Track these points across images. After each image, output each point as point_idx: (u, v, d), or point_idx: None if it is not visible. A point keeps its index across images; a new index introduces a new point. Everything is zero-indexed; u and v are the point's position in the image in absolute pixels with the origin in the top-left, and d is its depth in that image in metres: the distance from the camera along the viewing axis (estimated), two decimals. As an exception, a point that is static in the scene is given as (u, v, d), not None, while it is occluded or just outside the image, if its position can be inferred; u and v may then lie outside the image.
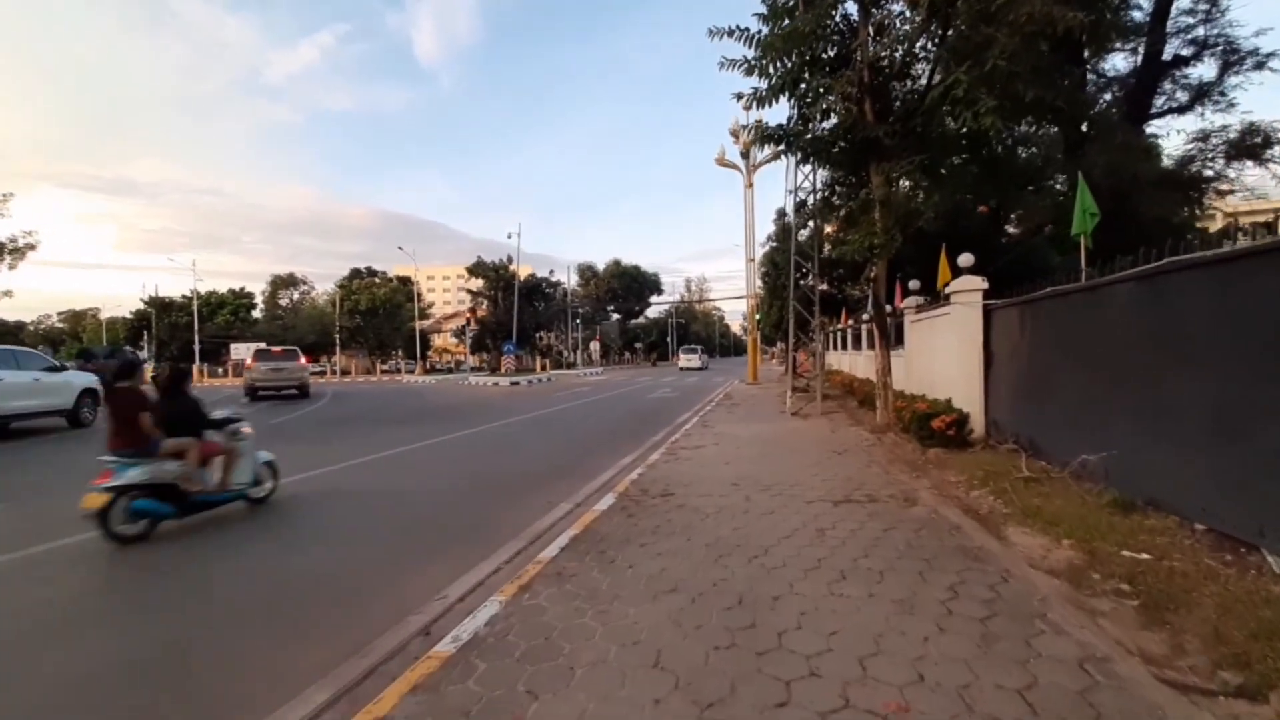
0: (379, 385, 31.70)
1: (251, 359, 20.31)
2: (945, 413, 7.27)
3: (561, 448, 9.39)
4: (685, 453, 8.00)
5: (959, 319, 7.62)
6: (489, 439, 10.43)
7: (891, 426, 9.07)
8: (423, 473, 7.56)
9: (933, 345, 9.13)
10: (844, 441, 8.47)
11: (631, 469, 7.15)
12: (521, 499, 5.96)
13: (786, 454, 7.64)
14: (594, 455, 8.43)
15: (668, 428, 11.17)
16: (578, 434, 10.96)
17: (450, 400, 19.58)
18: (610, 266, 72.85)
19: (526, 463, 8.06)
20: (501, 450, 9.25)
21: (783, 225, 25.68)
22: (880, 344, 9.33)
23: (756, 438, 9.13)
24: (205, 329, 59.05)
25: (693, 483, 6.13)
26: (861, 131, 8.71)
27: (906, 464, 6.80)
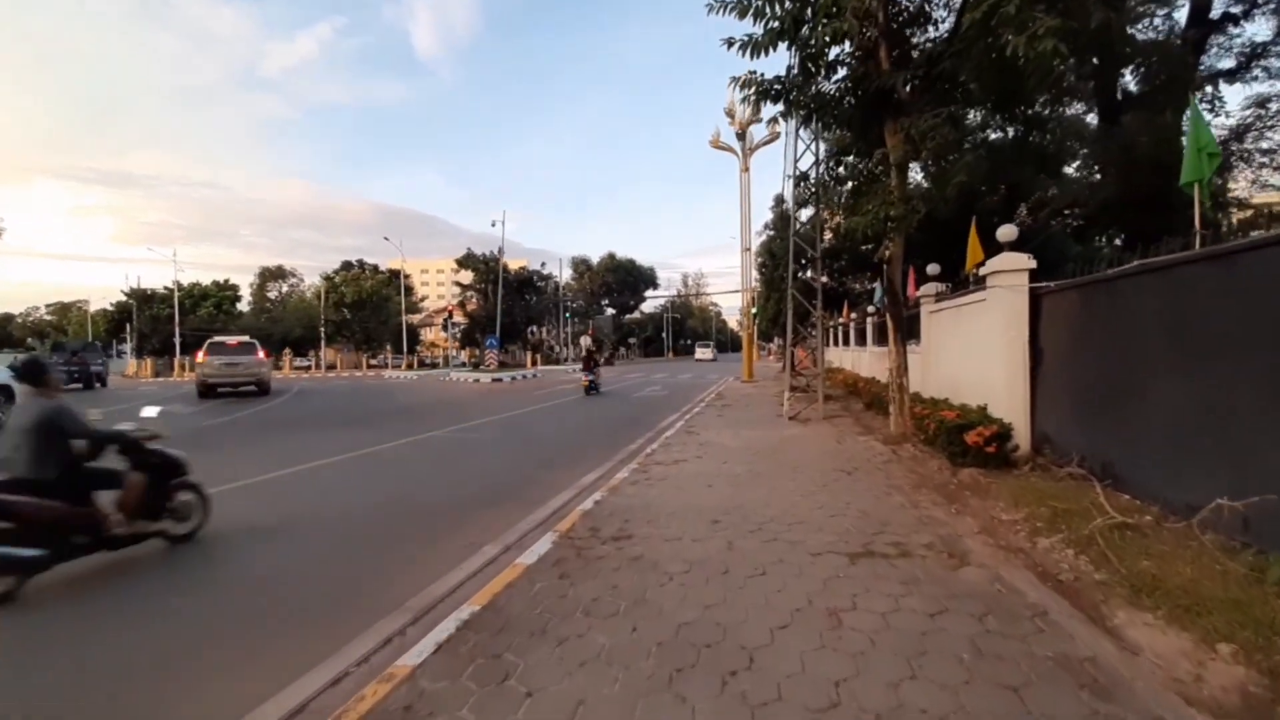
0: (356, 381, 30.18)
1: (203, 352, 18.41)
2: (982, 424, 5.83)
3: (518, 460, 7.94)
4: (661, 469, 6.55)
5: (998, 307, 6.17)
6: (437, 448, 8.96)
7: (909, 436, 7.63)
8: (332, 496, 6.09)
9: (958, 340, 7.68)
10: (853, 455, 7.03)
11: (591, 491, 5.71)
12: (436, 539, 4.51)
13: (783, 473, 6.19)
14: (552, 470, 6.99)
15: (648, 433, 9.73)
16: (543, 442, 9.50)
17: (420, 399, 18.10)
18: (605, 260, 71.29)
19: (467, 481, 6.60)
20: (445, 463, 7.79)
21: (781, 212, 24.19)
22: (895, 339, 7.89)
23: (748, 448, 7.69)
24: (188, 322, 57.48)
25: (661, 517, 4.68)
26: (875, 82, 7.25)
27: (937, 490, 5.36)
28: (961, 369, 7.52)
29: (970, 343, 7.17)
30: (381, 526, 4.96)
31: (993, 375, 6.35)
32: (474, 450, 8.71)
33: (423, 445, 9.12)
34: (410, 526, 4.94)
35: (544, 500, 5.54)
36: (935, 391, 8.46)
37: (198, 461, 5.03)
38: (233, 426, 11.63)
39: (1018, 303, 5.95)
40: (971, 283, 7.51)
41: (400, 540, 4.57)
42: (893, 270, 7.92)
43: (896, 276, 7.94)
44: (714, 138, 23.03)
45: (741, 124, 22.31)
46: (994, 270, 6.13)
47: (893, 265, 7.89)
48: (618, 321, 73.76)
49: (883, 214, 6.72)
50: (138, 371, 46.32)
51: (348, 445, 8.87)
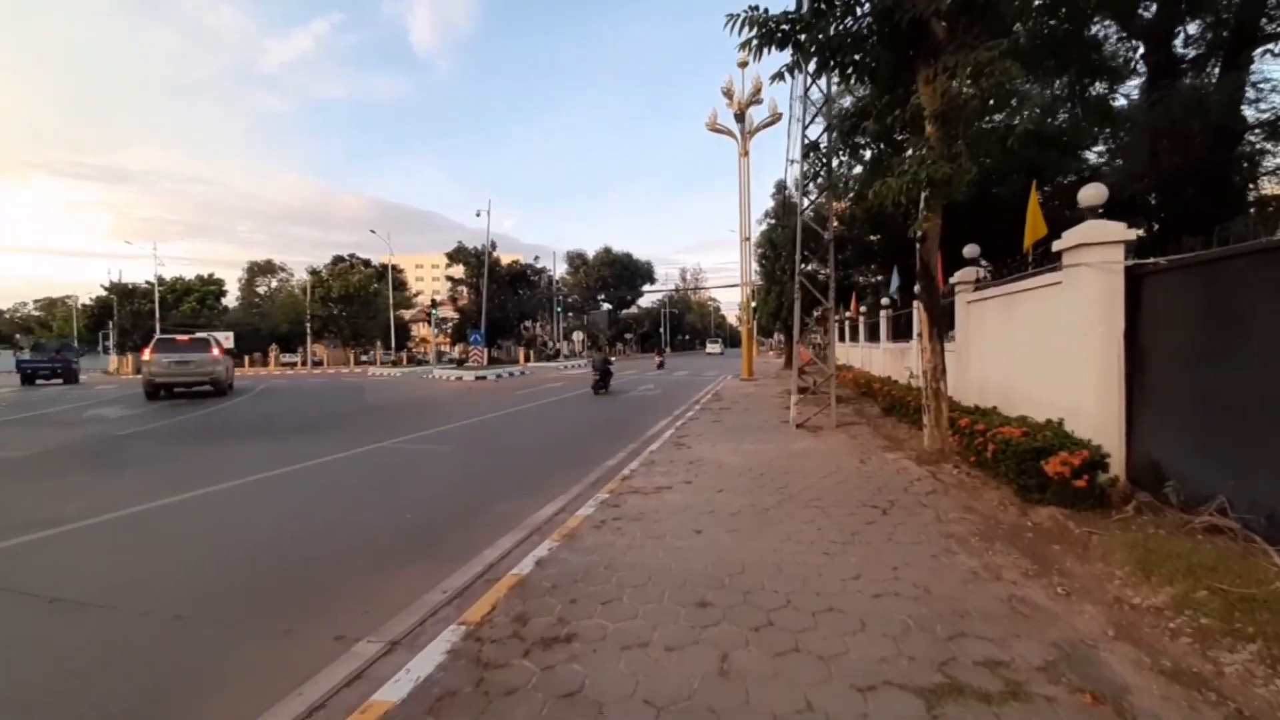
0: (334, 379, 28.66)
1: (149, 350, 16.50)
2: (1064, 446, 4.35)
3: (464, 483, 6.45)
4: (637, 501, 5.07)
5: (1080, 292, 4.68)
6: (376, 465, 7.46)
7: (949, 454, 6.16)
8: (196, 542, 4.59)
9: (1012, 335, 6.20)
10: (883, 480, 5.55)
11: (541, 537, 4.24)
12: (296, 625, 3.04)
13: (796, 509, 4.71)
14: (503, 500, 5.52)
15: (631, 444, 8.26)
16: (504, 457, 8.01)
17: (389, 399, 16.59)
18: (600, 254, 69.70)
19: (387, 517, 5.10)
20: (373, 488, 6.29)
21: (783, 200, 22.68)
22: (930, 334, 6.40)
23: (749, 468, 6.21)
24: (171, 317, 55.90)
25: (624, 593, 3.20)
26: (908, 13, 5.73)
27: (1012, 541, 3.88)
28: (1017, 372, 6.04)
29: (1032, 339, 5.68)
30: (226, 601, 3.46)
31: (1070, 381, 4.87)
32: (418, 468, 7.21)
33: (360, 461, 7.62)
34: (269, 599, 3.45)
35: (473, 552, 4.06)
36: (975, 398, 6.98)
37: (74, 483, 3.53)
38: (156, 436, 10.11)
39: (1110, 286, 4.45)
40: (1030, 265, 6.03)
41: (236, 631, 3.08)
42: (927, 250, 6.43)
43: (932, 258, 6.44)
44: (711, 120, 21.48)
45: (740, 104, 20.76)
46: (1077, 244, 4.63)
47: (928, 244, 6.39)
48: (614, 317, 72.23)
49: (923, 174, 5.22)
50: (119, 368, 44.78)
51: (273, 460, 7.38)
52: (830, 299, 8.73)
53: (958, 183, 5.38)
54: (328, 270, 57.49)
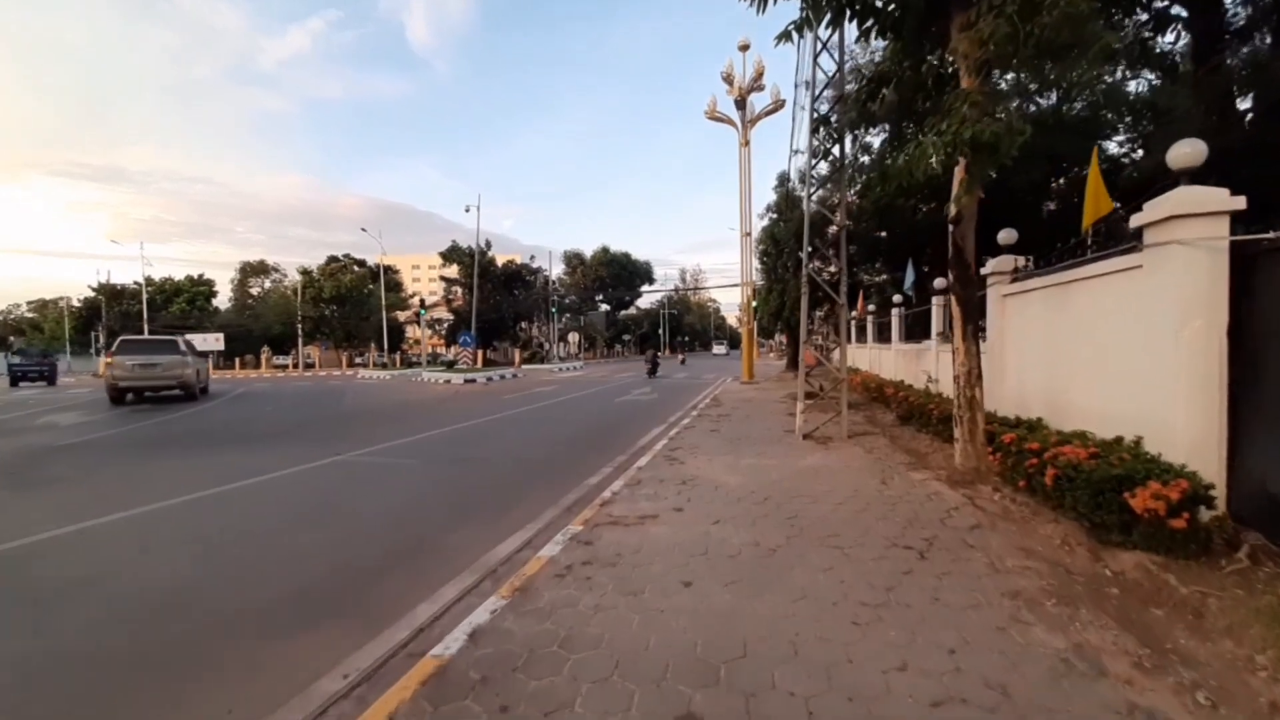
0: (320, 383, 27.71)
1: (112, 352, 15.66)
2: (1154, 475, 3.41)
3: (419, 507, 5.51)
4: (616, 536, 4.13)
5: (1167, 276, 3.76)
6: (327, 483, 6.53)
7: (986, 474, 5.23)
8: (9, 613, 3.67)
9: (1066, 333, 5.27)
10: (912, 508, 4.61)
11: (485, 592, 3.31)
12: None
13: (810, 551, 3.78)
14: (458, 530, 4.61)
15: (619, 457, 7.34)
16: (475, 472, 7.08)
17: (369, 404, 15.65)
18: (598, 254, 68.70)
19: (298, 560, 4.17)
20: (311, 513, 5.35)
21: (785, 193, 21.77)
22: (964, 332, 5.47)
23: (752, 491, 5.27)
24: (160, 318, 55.10)
25: (577, 696, 2.27)
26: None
27: (1095, 600, 2.96)
28: (1069, 377, 5.11)
29: (1093, 337, 4.76)
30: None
31: (1150, 389, 3.95)
32: (374, 487, 6.28)
33: (311, 478, 6.69)
34: (88, 696, 2.52)
35: (402, 609, 3.14)
36: (1012, 407, 6.06)
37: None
38: (93, 447, 9.16)
39: (1210, 269, 3.53)
40: (1089, 246, 5.11)
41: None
42: (962, 233, 5.50)
43: (968, 243, 5.51)
44: (710, 107, 20.54)
45: (741, 90, 19.82)
46: (1167, 216, 3.70)
47: (963, 225, 5.47)
48: (612, 318, 71.32)
49: (966, 134, 4.29)
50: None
51: (210, 477, 6.46)
52: (841, 294, 7.80)
53: (1007, 146, 4.45)
54: (319, 270, 56.55)
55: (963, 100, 4.62)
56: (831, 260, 20.92)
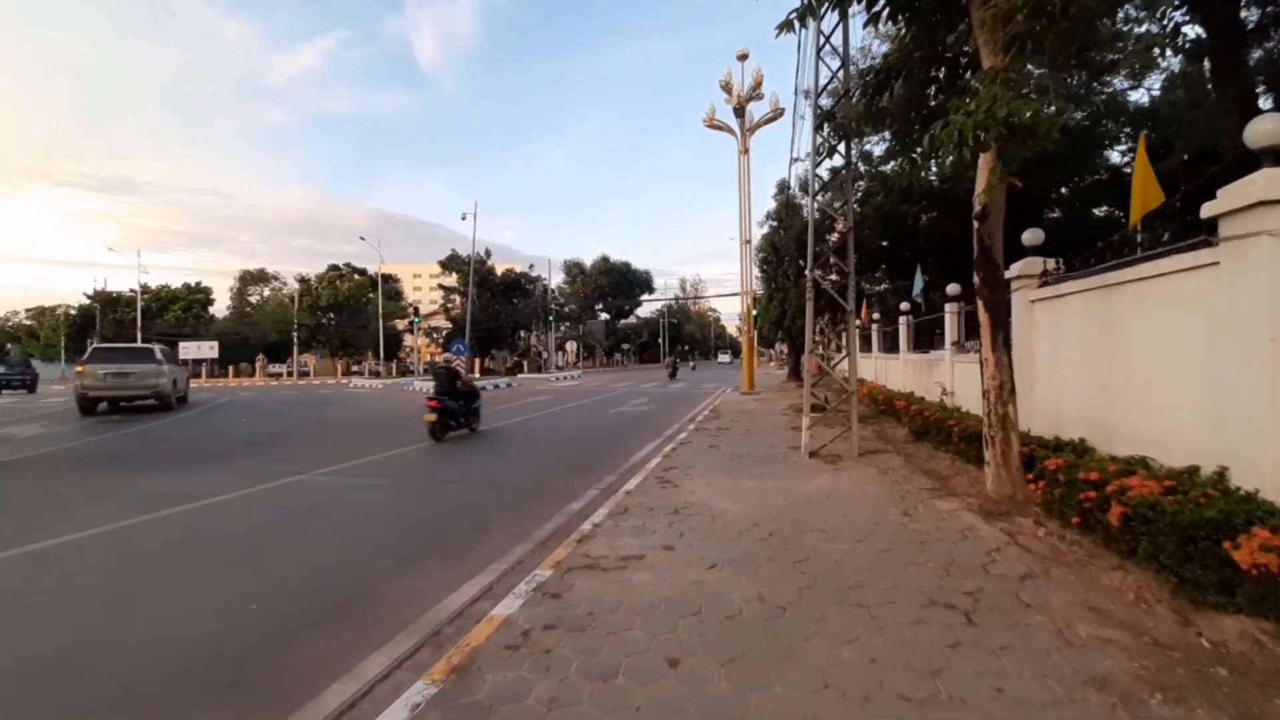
0: (309, 391, 27.00)
1: (83, 361, 15.01)
2: (1260, 521, 2.71)
3: (365, 543, 4.79)
4: (589, 588, 3.42)
5: (1252, 274, 3.09)
6: (269, 510, 5.82)
7: (1024, 503, 4.53)
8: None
9: (1110, 341, 4.58)
10: (945, 548, 3.90)
11: (423, 667, 2.60)
12: None
13: (829, 610, 3.07)
14: (405, 574, 3.91)
15: (609, 477, 6.66)
16: (445, 495, 6.37)
17: (349, 416, 14.94)
18: (598, 263, 68.23)
19: (200, 615, 3.46)
20: (232, 552, 4.64)
21: (785, 200, 21.21)
22: (992, 340, 4.78)
23: (754, 524, 4.56)
24: (156, 326, 54.54)
25: None
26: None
27: (1204, 690, 2.25)
28: (1120, 392, 4.42)
29: (1151, 346, 4.07)
30: None
31: (1231, 409, 3.26)
32: (326, 513, 5.57)
33: (259, 502, 5.98)
34: None
35: (288, 705, 2.41)
36: (1044, 426, 5.36)
37: None
38: (35, 464, 8.45)
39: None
40: (1139, 244, 4.44)
41: None
42: (989, 230, 4.83)
43: (997, 241, 4.84)
44: (709, 116, 20.03)
45: (740, 99, 19.33)
46: (1255, 202, 3.03)
47: (990, 222, 4.80)
48: (611, 327, 70.73)
49: (1001, 113, 3.64)
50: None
51: (148, 501, 5.80)
52: (849, 300, 7.12)
53: (1045, 128, 3.80)
54: (316, 278, 56.06)
55: (992, 79, 3.97)
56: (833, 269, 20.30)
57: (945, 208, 18.62)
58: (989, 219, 4.77)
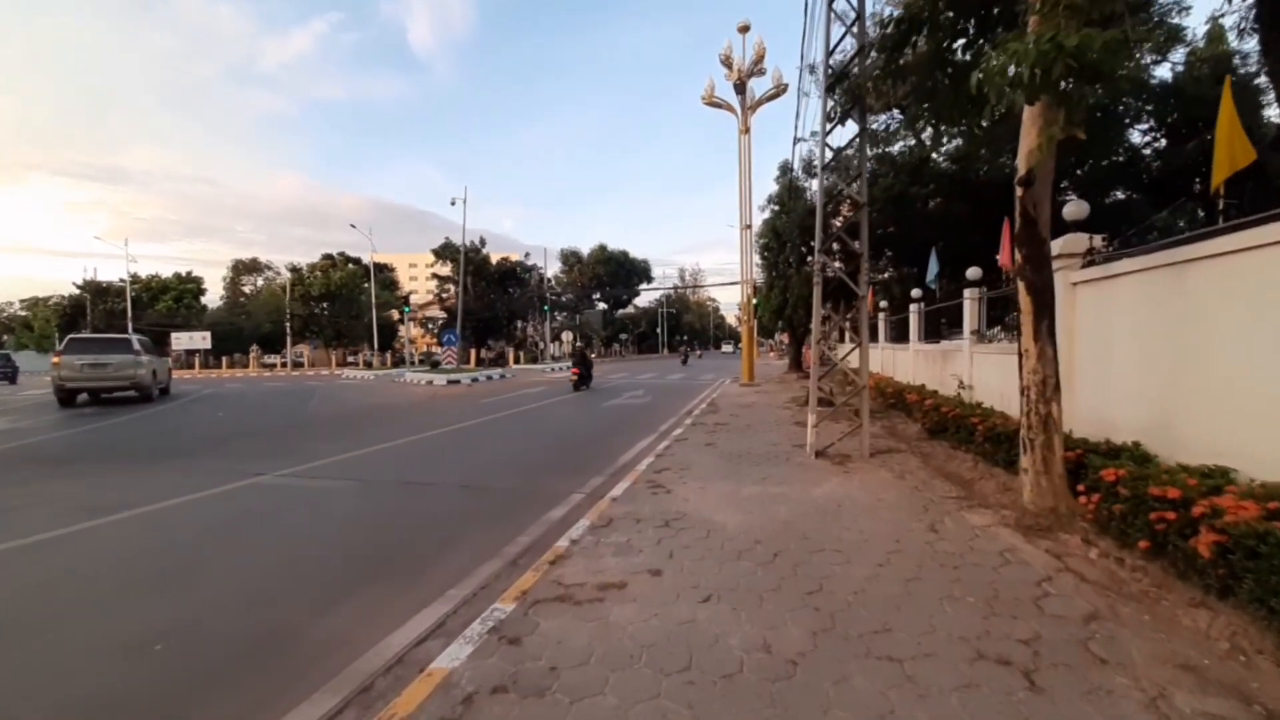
0: (294, 384, 26.37)
1: (59, 352, 14.76)
2: None
3: (311, 562, 4.17)
4: (555, 629, 2.81)
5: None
6: (214, 519, 5.20)
7: (1069, 516, 3.91)
8: None
9: (1177, 330, 3.93)
10: (983, 574, 3.28)
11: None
12: None
13: (851, 665, 2.45)
14: (341, 605, 3.31)
15: (596, 479, 6.06)
16: (411, 501, 5.74)
17: (330, 411, 14.31)
18: (595, 252, 67.28)
19: (58, 671, 2.85)
20: (150, 575, 4.03)
21: (787, 183, 20.46)
22: (1037, 328, 4.14)
23: (757, 540, 3.94)
24: (146, 316, 53.78)
25: None
26: None
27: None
28: (1189, 392, 3.78)
29: (1237, 335, 3.43)
30: None
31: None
32: (277, 523, 4.95)
33: (207, 510, 5.36)
34: None
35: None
36: (1088, 427, 4.73)
37: None
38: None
39: None
40: (1222, 212, 3.79)
41: None
42: (1035, 198, 4.16)
43: (1043, 211, 4.18)
44: (708, 93, 19.20)
45: (741, 74, 18.49)
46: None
47: (1037, 189, 4.14)
48: (609, 317, 69.96)
49: (1071, 43, 2.96)
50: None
51: (88, 507, 5.24)
52: (861, 285, 6.47)
53: (1111, 66, 3.12)
54: (308, 268, 55.21)
55: (1053, 4, 3.28)
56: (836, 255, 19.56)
57: (956, 191, 17.89)
58: (1035, 185, 4.11)
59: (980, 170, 16.96)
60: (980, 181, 17.52)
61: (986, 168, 16.94)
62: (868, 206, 6.40)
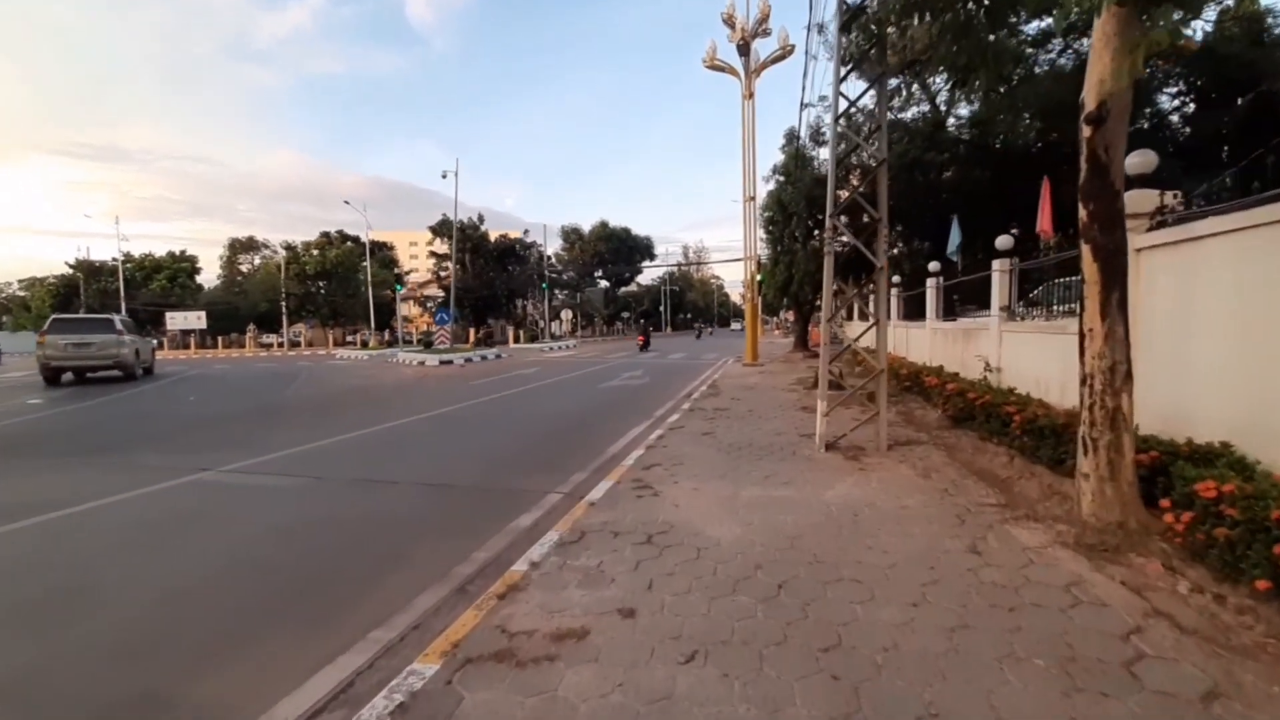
0: (288, 363, 25.73)
1: (44, 332, 15.13)
2: None
3: (209, 596, 3.46)
4: (484, 716, 2.10)
5: None
6: (132, 526, 4.52)
7: (1141, 532, 3.16)
8: None
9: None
10: (1049, 620, 2.54)
11: None
12: None
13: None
14: (196, 684, 2.58)
15: (578, 475, 5.37)
16: (364, 503, 5.04)
17: (310, 394, 13.64)
18: (597, 229, 65.87)
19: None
20: (24, 603, 3.34)
21: (794, 152, 19.37)
22: (1101, 302, 3.35)
23: (758, 567, 3.21)
24: (140, 295, 53.11)
25: None
26: None
27: None
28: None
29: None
30: None
31: None
32: (198, 533, 4.26)
33: (127, 516, 4.68)
34: None
35: None
36: (1159, 421, 3.95)
37: None
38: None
39: None
40: None
41: None
42: (1108, 139, 3.32)
43: (1117, 154, 3.33)
44: (709, 55, 18.02)
45: (744, 34, 17.30)
46: None
47: (1110, 128, 3.29)
48: (611, 295, 68.92)
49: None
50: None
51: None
52: (880, 253, 5.64)
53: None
54: (303, 245, 54.24)
55: None
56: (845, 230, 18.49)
57: (973, 158, 16.82)
58: (1109, 122, 3.26)
59: (998, 138, 15.87)
60: (999, 150, 16.44)
61: (1004, 136, 15.84)
62: (887, 163, 5.53)
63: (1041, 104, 14.42)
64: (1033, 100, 14.45)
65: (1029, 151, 15.95)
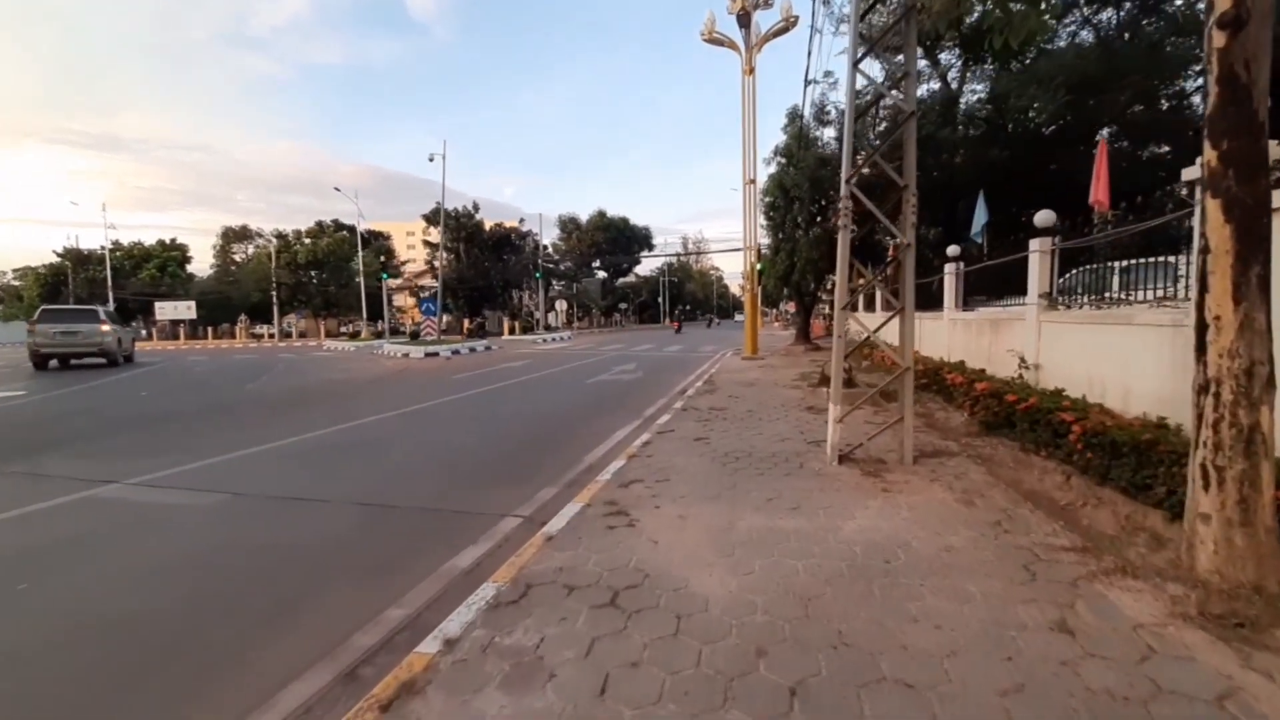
0: (269, 355, 24.78)
1: (34, 321, 16.26)
2: None
3: (19, 682, 2.55)
4: None
5: None
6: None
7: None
8: None
9: None
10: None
11: None
12: None
13: None
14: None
15: (548, 491, 4.45)
16: (278, 535, 4.12)
17: (279, 387, 12.71)
18: (594, 218, 64.62)
19: None
20: None
21: (798, 130, 18.30)
22: (1234, 282, 2.42)
23: (761, 649, 2.31)
24: (130, 285, 52.08)
25: None
26: None
27: None
28: None
29: None
30: None
31: None
32: (54, 582, 3.34)
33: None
34: None
35: None
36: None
37: None
38: None
39: None
40: None
41: None
42: (1248, 49, 2.37)
43: (1260, 73, 2.39)
44: (707, 27, 16.90)
45: (745, 4, 16.17)
46: None
47: (1250, 35, 2.34)
48: (609, 286, 67.84)
49: None
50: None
51: None
52: (906, 226, 4.70)
53: None
54: (294, 234, 53.11)
55: None
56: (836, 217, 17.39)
57: (989, 137, 15.80)
58: (1247, 27, 2.31)
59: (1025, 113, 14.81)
60: (1017, 130, 15.42)
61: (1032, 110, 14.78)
62: (915, 116, 4.56)
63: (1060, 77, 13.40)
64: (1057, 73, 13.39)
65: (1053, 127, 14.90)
